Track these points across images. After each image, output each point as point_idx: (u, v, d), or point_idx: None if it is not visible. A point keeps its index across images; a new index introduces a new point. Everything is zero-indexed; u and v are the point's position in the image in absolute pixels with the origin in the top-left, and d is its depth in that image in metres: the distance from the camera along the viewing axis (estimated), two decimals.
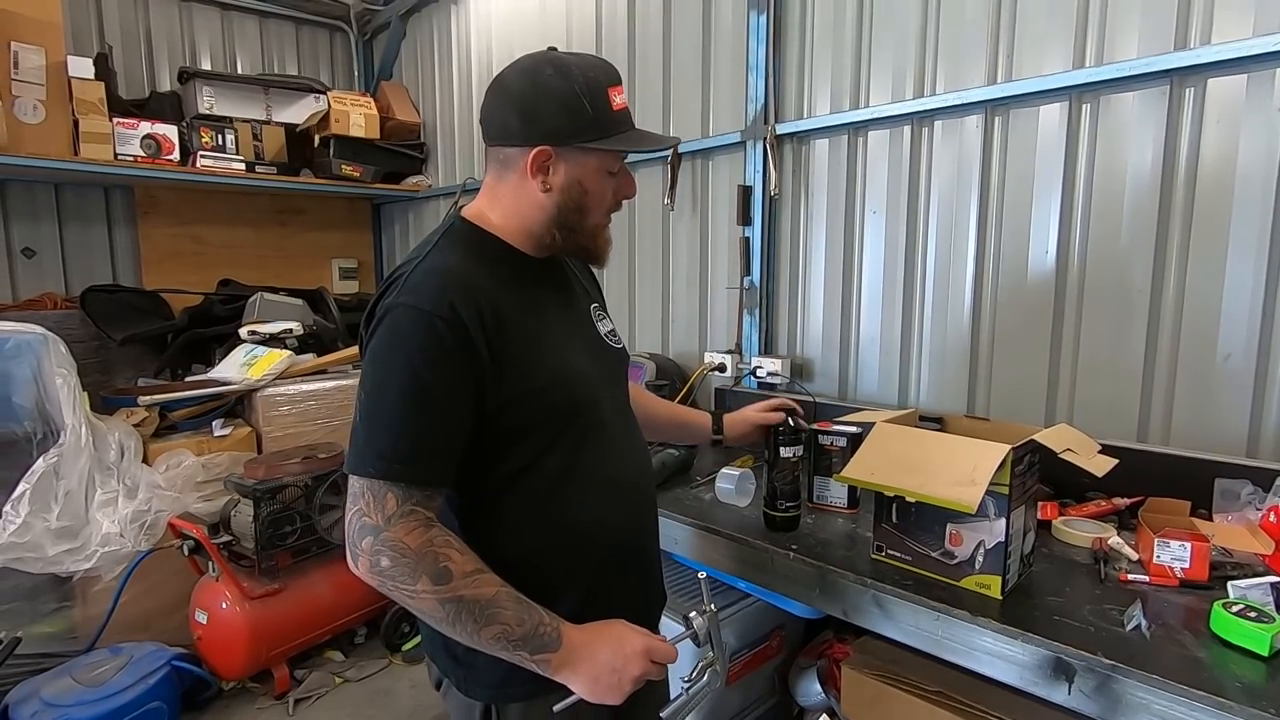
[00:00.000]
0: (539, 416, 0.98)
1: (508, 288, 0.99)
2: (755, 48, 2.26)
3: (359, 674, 2.74)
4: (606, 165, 1.02)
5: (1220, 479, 1.44)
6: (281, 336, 3.17)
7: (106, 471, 2.51)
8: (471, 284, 0.94)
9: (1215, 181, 1.52)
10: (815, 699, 1.81)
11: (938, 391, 1.99)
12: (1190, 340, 1.57)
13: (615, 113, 1.00)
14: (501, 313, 0.95)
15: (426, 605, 0.88)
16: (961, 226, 1.91)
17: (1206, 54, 1.47)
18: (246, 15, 3.92)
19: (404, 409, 0.89)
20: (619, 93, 1.01)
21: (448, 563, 0.88)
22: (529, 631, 0.89)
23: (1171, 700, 0.92)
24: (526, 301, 1.01)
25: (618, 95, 1.01)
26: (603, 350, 1.13)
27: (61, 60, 2.89)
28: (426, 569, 0.87)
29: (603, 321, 1.17)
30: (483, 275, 0.97)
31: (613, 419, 1.09)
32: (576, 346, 1.07)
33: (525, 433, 0.97)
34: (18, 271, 3.27)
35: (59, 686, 2.20)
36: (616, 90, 1.01)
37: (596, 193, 1.03)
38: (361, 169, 3.70)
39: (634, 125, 1.03)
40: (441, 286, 0.92)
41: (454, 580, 0.87)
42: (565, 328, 1.07)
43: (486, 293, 0.95)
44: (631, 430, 1.16)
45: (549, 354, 1.00)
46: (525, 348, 0.97)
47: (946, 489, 1.13)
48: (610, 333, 1.17)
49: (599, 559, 1.05)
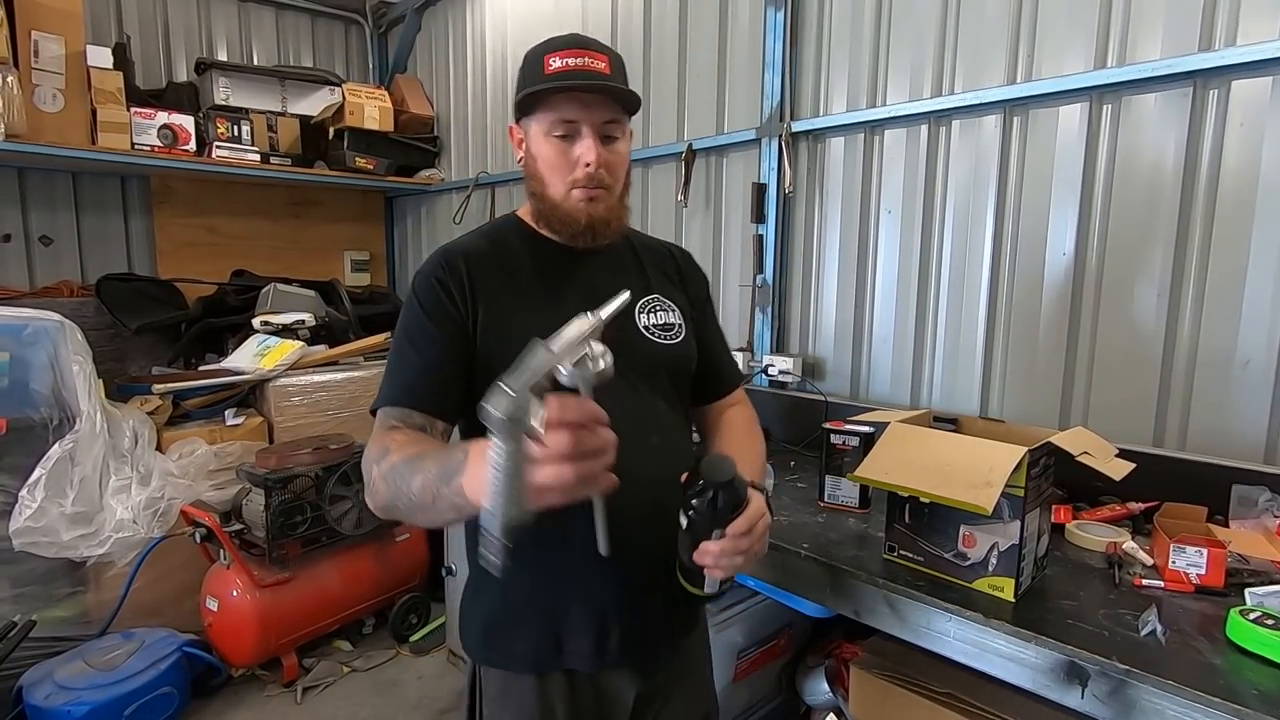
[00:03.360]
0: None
1: (511, 268, 1.06)
2: (772, 45, 2.25)
3: (367, 664, 2.76)
4: (545, 129, 1.02)
5: (1237, 485, 1.42)
6: (294, 327, 3.19)
7: (121, 458, 2.54)
8: (470, 253, 1.05)
9: (1237, 185, 1.50)
10: (822, 698, 1.81)
11: (951, 392, 1.98)
12: (1209, 345, 1.55)
13: (547, 75, 1.00)
14: (482, 284, 1.02)
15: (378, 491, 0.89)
16: (977, 227, 1.90)
17: (1231, 55, 1.45)
18: (263, 7, 3.94)
19: (399, 352, 1.02)
20: (561, 56, 1.00)
21: (389, 443, 0.91)
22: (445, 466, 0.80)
23: (1187, 706, 0.92)
24: (525, 283, 1.06)
25: (557, 59, 1.00)
26: (628, 340, 1.05)
27: (81, 50, 2.91)
28: (375, 457, 0.91)
29: (654, 313, 1.11)
30: (486, 253, 1.06)
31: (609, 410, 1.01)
32: None
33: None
34: (35, 259, 3.30)
35: (72, 670, 2.23)
36: (559, 54, 1.00)
37: (545, 158, 1.03)
38: (375, 162, 3.71)
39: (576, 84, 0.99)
40: (444, 254, 1.05)
41: (391, 455, 0.88)
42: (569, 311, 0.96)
43: (478, 266, 1.04)
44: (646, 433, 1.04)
45: (517, 331, 0.93)
46: (494, 320, 1.01)
47: (961, 490, 1.13)
48: (660, 326, 1.10)
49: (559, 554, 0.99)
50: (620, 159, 1.06)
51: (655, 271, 1.17)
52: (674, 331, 1.11)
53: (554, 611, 1.03)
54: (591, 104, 1.00)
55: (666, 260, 1.20)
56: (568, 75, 0.99)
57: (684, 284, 1.19)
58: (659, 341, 1.09)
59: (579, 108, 0.99)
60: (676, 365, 1.11)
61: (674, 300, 1.15)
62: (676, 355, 1.10)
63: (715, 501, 0.85)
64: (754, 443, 1.18)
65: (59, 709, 2.09)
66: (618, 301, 0.79)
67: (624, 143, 1.06)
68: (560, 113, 1.00)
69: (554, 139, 1.01)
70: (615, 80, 1.01)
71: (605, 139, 1.02)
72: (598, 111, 1.00)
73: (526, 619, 1.04)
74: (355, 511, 2.73)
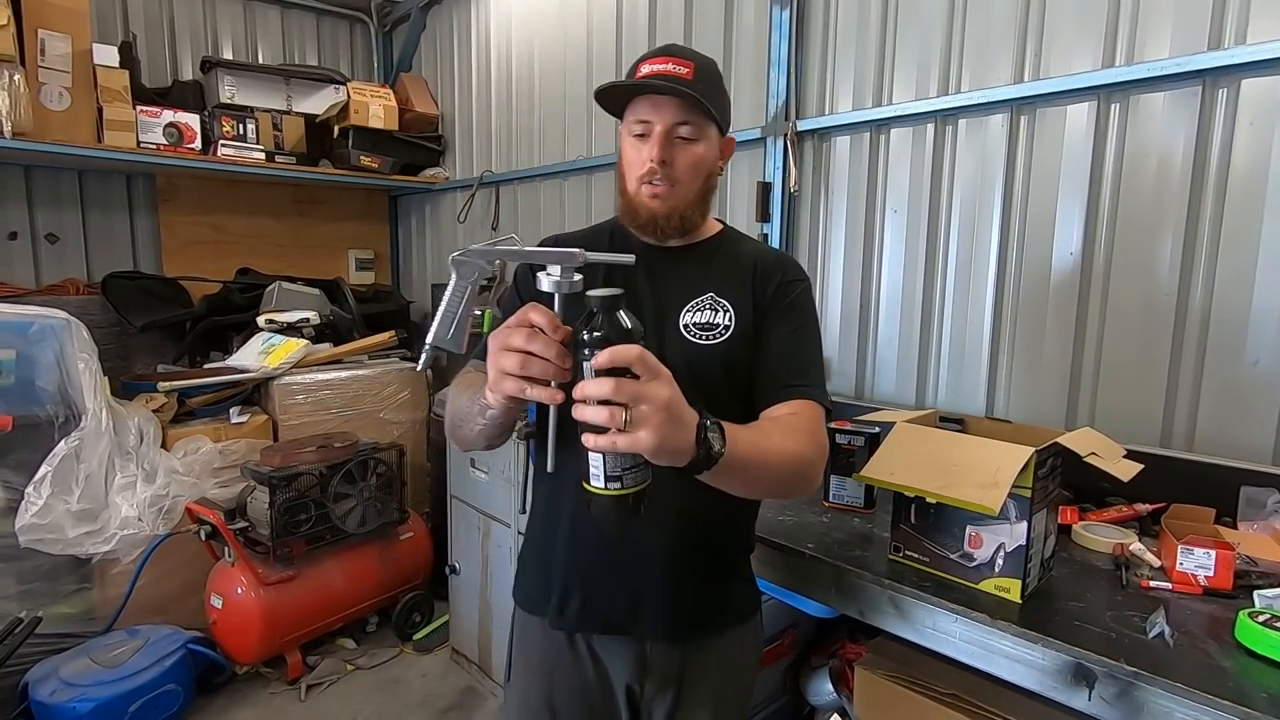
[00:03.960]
0: None
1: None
2: (777, 43, 2.24)
3: (370, 662, 2.76)
4: (627, 129, 1.09)
5: (1246, 486, 1.42)
6: (299, 326, 3.20)
7: (126, 456, 2.54)
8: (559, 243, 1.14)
9: (1246, 184, 1.49)
10: (826, 699, 1.81)
11: (956, 392, 1.97)
12: (1217, 345, 1.54)
13: (637, 79, 1.05)
14: None
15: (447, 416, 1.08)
16: (984, 226, 1.89)
17: (1241, 54, 1.44)
18: (268, 5, 3.94)
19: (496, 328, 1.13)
20: (650, 64, 1.06)
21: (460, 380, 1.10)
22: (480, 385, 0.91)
23: (1195, 709, 0.91)
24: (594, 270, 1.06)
25: (646, 66, 1.06)
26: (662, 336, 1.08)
27: (87, 48, 2.91)
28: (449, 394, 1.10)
29: (699, 312, 1.10)
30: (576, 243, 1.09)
31: None
32: None
33: None
34: (41, 257, 3.31)
35: (77, 666, 2.24)
36: (649, 62, 1.06)
37: (626, 157, 1.10)
38: (380, 160, 3.71)
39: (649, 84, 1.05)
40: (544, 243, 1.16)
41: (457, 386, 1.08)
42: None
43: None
44: None
45: None
46: None
47: (968, 491, 1.12)
48: (701, 325, 1.09)
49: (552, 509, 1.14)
50: (693, 160, 1.07)
51: (724, 274, 1.14)
52: (716, 331, 1.09)
53: (549, 564, 1.13)
54: (663, 106, 1.05)
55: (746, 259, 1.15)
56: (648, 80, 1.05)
57: (756, 284, 1.13)
58: (693, 340, 1.09)
59: (651, 109, 1.05)
60: (705, 364, 1.08)
61: (731, 301, 1.11)
62: (710, 355, 1.08)
63: (591, 327, 0.75)
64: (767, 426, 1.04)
65: (64, 705, 2.10)
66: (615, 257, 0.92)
67: (703, 145, 1.08)
68: (636, 114, 1.07)
69: (632, 138, 1.08)
70: (695, 84, 1.04)
71: (680, 140, 1.06)
72: (669, 113, 1.05)
73: (535, 565, 1.17)
74: (359, 510, 2.73)
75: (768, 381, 1.10)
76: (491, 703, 2.52)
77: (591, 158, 2.98)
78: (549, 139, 3.25)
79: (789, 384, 1.08)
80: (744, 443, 0.87)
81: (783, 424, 1.04)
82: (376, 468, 2.79)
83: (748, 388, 1.11)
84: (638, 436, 0.72)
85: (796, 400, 1.07)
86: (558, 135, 3.19)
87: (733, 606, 1.16)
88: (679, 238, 1.13)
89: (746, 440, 0.88)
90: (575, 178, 3.12)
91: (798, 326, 1.14)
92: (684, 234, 1.12)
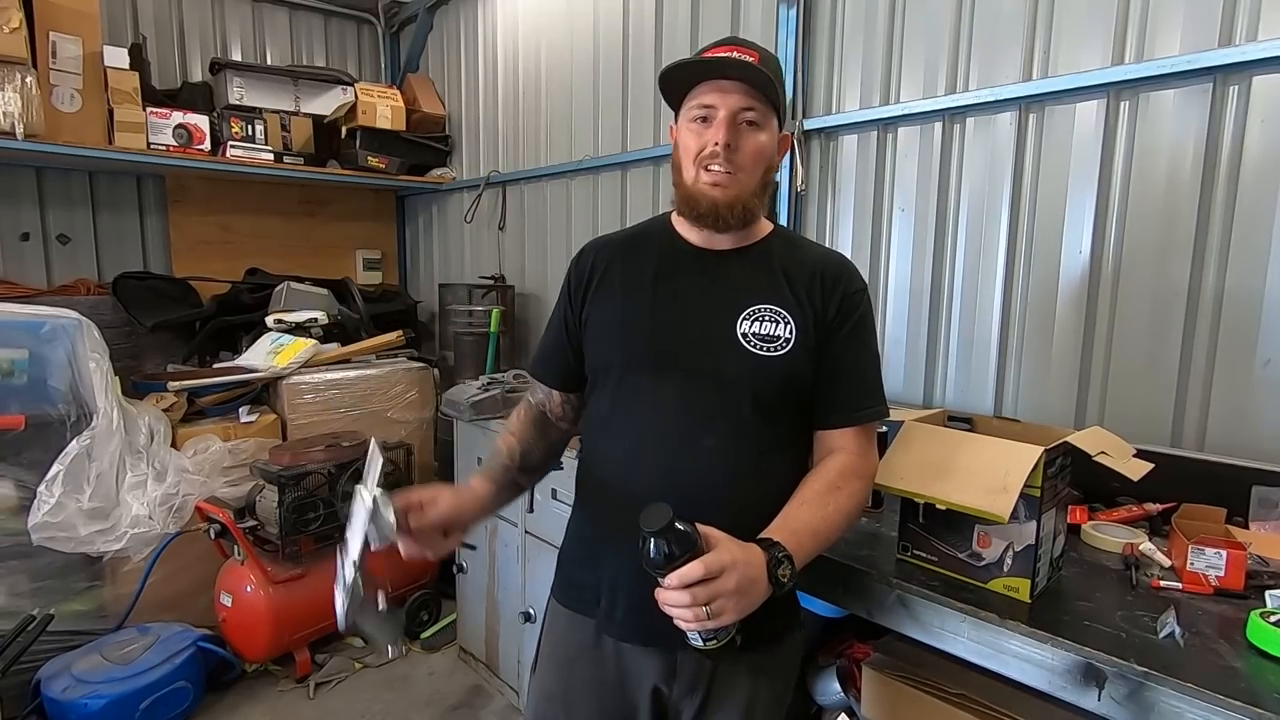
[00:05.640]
0: (589, 360, 1.18)
1: (638, 260, 1.15)
2: (784, 41, 2.23)
3: (378, 660, 2.77)
4: (687, 117, 1.07)
5: (1258, 486, 1.40)
6: (307, 325, 3.22)
7: (137, 455, 2.56)
8: (602, 247, 1.19)
9: (1258, 182, 1.48)
10: (834, 698, 1.80)
11: (965, 391, 1.96)
12: (1228, 344, 1.53)
13: (697, 62, 1.05)
14: (603, 272, 1.15)
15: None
16: (992, 224, 1.88)
17: (1252, 51, 1.43)
18: (277, 7, 3.96)
19: (547, 325, 1.25)
20: (715, 52, 1.05)
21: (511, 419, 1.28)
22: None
23: (1206, 710, 0.91)
24: (644, 273, 1.13)
25: (713, 53, 1.05)
26: (715, 345, 1.06)
27: (98, 50, 2.94)
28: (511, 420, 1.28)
29: (760, 322, 1.06)
30: (623, 242, 1.19)
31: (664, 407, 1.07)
32: (663, 323, 1.10)
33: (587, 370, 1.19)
34: (53, 257, 3.33)
35: (89, 663, 2.26)
36: (718, 50, 1.05)
37: (684, 145, 1.08)
38: (387, 161, 3.72)
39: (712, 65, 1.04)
40: (589, 245, 1.22)
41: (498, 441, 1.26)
42: (667, 309, 1.10)
43: (606, 256, 1.17)
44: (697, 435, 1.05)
45: (613, 315, 1.13)
46: (598, 304, 1.15)
47: (977, 496, 1.12)
48: (762, 336, 1.06)
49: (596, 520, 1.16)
50: (757, 147, 1.06)
51: (784, 280, 1.10)
52: (778, 344, 1.05)
53: (598, 568, 1.13)
54: (729, 91, 1.03)
55: (805, 270, 1.11)
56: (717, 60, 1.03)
57: (819, 298, 1.09)
58: (755, 351, 1.05)
59: (717, 93, 1.03)
60: (768, 378, 1.05)
61: (791, 313, 1.07)
62: (769, 367, 1.05)
63: (650, 549, 0.86)
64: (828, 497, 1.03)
65: (76, 702, 2.12)
66: (374, 465, 1.06)
67: (766, 135, 1.07)
68: (699, 98, 1.05)
69: (693, 125, 1.06)
70: (760, 71, 1.01)
71: (745, 125, 1.04)
72: (735, 98, 1.03)
73: (584, 566, 1.17)
74: None
75: (840, 403, 1.10)
76: (499, 701, 2.53)
77: (598, 157, 2.98)
78: (556, 139, 3.26)
79: (860, 407, 1.10)
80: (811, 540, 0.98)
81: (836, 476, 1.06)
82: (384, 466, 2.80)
83: (807, 400, 1.10)
84: (722, 620, 0.86)
85: (864, 426, 1.11)
86: (564, 135, 3.20)
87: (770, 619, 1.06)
88: (740, 229, 1.10)
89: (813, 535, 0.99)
90: (582, 177, 3.12)
91: (865, 342, 1.13)
92: (745, 225, 1.10)
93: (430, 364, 3.50)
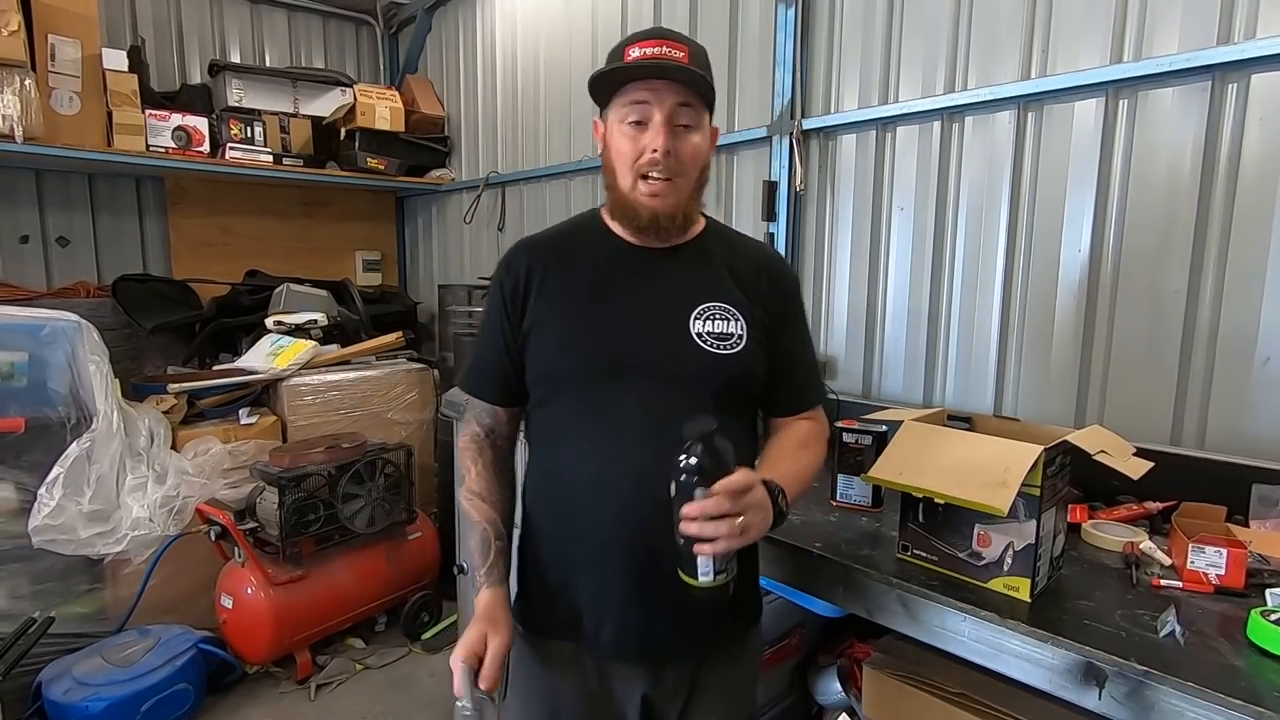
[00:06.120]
0: (534, 374, 1.10)
1: (571, 263, 1.09)
2: (783, 42, 2.23)
3: (379, 661, 2.78)
4: (618, 117, 1.03)
5: (1258, 484, 1.40)
6: (306, 327, 3.22)
7: (137, 457, 2.56)
8: (533, 251, 1.11)
9: (1257, 180, 1.47)
10: (835, 698, 1.81)
11: (965, 391, 1.96)
12: (1228, 342, 1.53)
13: (626, 63, 0.99)
14: (539, 279, 1.08)
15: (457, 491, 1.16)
16: (991, 224, 1.88)
17: (1251, 48, 1.43)
18: (275, 9, 3.97)
19: (476, 340, 1.20)
20: (641, 46, 1.00)
21: (465, 473, 1.14)
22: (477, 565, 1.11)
23: (1207, 708, 0.90)
24: (582, 276, 1.08)
25: (636, 49, 1.00)
26: (670, 345, 1.05)
27: (96, 53, 2.94)
28: (457, 468, 1.18)
29: (713, 321, 1.07)
30: (555, 248, 1.12)
31: (631, 411, 1.03)
32: (610, 330, 1.04)
33: (530, 386, 1.11)
34: (53, 260, 3.34)
35: (90, 665, 2.26)
36: (639, 45, 1.00)
37: (616, 148, 1.04)
38: (386, 162, 3.72)
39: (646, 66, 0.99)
40: (515, 248, 1.13)
41: (463, 489, 1.14)
42: (617, 313, 1.06)
43: (540, 261, 1.09)
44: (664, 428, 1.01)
45: (560, 325, 1.07)
46: (541, 313, 1.07)
47: (977, 491, 1.12)
48: (715, 334, 1.06)
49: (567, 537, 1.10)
50: (693, 150, 1.03)
51: (728, 277, 1.11)
52: (732, 341, 1.07)
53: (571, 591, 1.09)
54: (663, 90, 0.99)
55: (748, 266, 1.13)
56: (642, 65, 0.99)
57: (765, 295, 1.12)
58: (711, 350, 1.05)
59: (650, 95, 0.99)
60: (729, 375, 1.06)
61: (741, 310, 1.09)
62: (729, 365, 1.06)
63: (695, 457, 0.87)
64: (799, 454, 1.11)
65: (77, 704, 2.12)
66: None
67: (700, 135, 1.04)
68: (631, 99, 1.01)
69: (626, 127, 1.01)
70: (695, 70, 0.99)
71: (680, 128, 1.00)
72: (670, 101, 0.99)
73: (554, 590, 1.11)
74: (367, 510, 2.74)
75: (794, 394, 1.18)
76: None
77: (598, 157, 2.98)
78: (555, 139, 3.26)
79: (808, 396, 1.20)
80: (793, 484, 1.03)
81: (802, 438, 1.15)
82: (385, 468, 2.80)
83: (759, 394, 1.13)
84: (747, 536, 0.88)
85: (813, 409, 1.20)
86: (563, 135, 3.20)
87: (741, 613, 1.17)
88: (679, 236, 1.09)
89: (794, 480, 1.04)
90: (581, 177, 3.13)
91: (806, 332, 1.21)
92: (684, 231, 1.09)
93: (430, 365, 3.51)
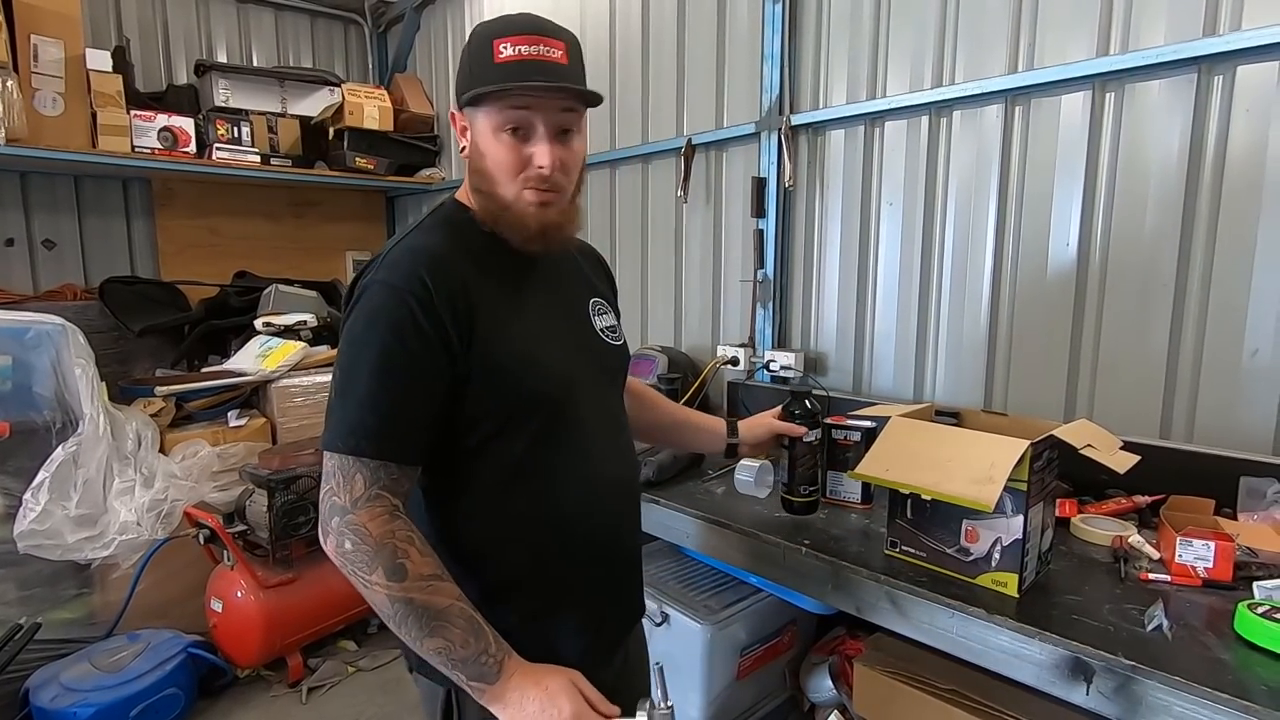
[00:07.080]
0: (500, 404, 0.95)
1: (485, 271, 0.97)
2: (770, 37, 2.23)
3: (372, 663, 2.76)
4: (494, 124, 0.93)
5: (1245, 477, 1.40)
6: (296, 328, 3.20)
7: (124, 461, 2.54)
8: (447, 262, 0.93)
9: (1244, 172, 1.47)
10: (826, 695, 1.80)
11: (954, 386, 1.96)
12: (1216, 335, 1.53)
13: (498, 64, 0.90)
14: (473, 294, 0.93)
15: (378, 598, 0.86)
16: (980, 218, 1.87)
17: (1237, 40, 1.43)
18: (262, 8, 3.94)
19: (374, 385, 0.88)
20: (514, 42, 0.90)
21: (405, 560, 0.86)
22: (471, 655, 0.85)
23: (1194, 702, 0.90)
24: (502, 287, 0.98)
25: (509, 45, 0.90)
26: (593, 345, 1.08)
27: (80, 53, 2.91)
28: (384, 561, 0.85)
29: (603, 316, 1.12)
30: (460, 256, 0.95)
31: (593, 417, 1.04)
32: (555, 339, 1.02)
33: (488, 419, 0.95)
34: (38, 263, 3.31)
35: (78, 671, 2.24)
36: (511, 40, 0.90)
37: (494, 156, 0.94)
38: (375, 161, 3.71)
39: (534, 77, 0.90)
40: (416, 264, 0.91)
41: (408, 580, 0.85)
42: (545, 319, 1.02)
43: (461, 273, 0.93)
44: (618, 433, 1.11)
45: (519, 342, 0.96)
46: (494, 332, 0.93)
47: (963, 486, 1.11)
48: (609, 328, 1.12)
49: (561, 562, 1.00)
50: (575, 157, 0.98)
51: (593, 273, 1.20)
52: (618, 332, 1.16)
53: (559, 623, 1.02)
54: (546, 99, 0.92)
55: (589, 260, 1.22)
56: (520, 66, 0.90)
57: (606, 281, 1.24)
58: (613, 344, 1.12)
59: (531, 101, 0.91)
60: (626, 363, 1.17)
61: (609, 301, 1.19)
62: (625, 354, 1.16)
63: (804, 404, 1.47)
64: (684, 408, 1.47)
65: (65, 711, 2.10)
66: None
67: (579, 138, 0.98)
68: (510, 105, 0.92)
69: (505, 136, 0.93)
70: (573, 70, 0.94)
71: (560, 134, 0.95)
72: (554, 108, 0.92)
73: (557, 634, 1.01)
74: None
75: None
76: None
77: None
78: None
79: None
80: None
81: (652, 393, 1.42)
82: None
83: None
84: None
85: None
86: None
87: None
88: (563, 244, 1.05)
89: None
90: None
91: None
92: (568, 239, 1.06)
93: None
